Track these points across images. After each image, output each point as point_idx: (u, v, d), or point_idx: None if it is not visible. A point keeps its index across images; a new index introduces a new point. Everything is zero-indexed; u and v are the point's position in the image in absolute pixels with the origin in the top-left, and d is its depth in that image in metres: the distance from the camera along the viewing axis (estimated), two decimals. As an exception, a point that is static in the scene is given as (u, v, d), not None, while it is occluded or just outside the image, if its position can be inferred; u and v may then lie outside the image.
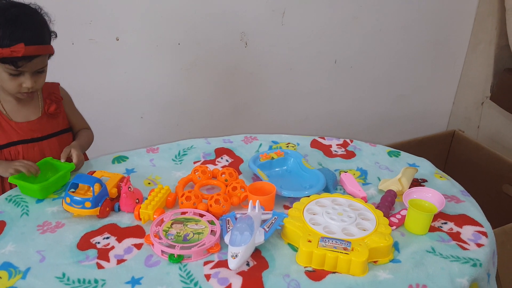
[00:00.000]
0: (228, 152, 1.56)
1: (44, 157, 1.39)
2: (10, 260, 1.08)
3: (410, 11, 2.45)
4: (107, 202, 1.23)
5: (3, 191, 1.40)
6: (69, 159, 1.37)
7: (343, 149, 1.59)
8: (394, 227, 1.19)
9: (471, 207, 1.29)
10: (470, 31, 2.63)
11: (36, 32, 1.27)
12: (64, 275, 1.04)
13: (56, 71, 1.44)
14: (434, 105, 2.85)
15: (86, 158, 1.54)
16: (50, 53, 1.31)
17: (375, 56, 2.51)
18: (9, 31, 1.21)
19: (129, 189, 1.23)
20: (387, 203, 1.25)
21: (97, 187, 1.22)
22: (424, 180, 1.41)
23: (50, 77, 1.40)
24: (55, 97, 1.44)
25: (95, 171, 1.36)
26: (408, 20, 2.47)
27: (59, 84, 1.48)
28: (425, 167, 1.50)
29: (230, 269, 1.04)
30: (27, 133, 1.39)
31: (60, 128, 1.46)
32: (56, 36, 1.34)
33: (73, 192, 1.23)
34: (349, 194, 1.32)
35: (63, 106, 1.48)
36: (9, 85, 1.29)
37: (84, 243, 1.14)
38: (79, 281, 1.02)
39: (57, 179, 1.31)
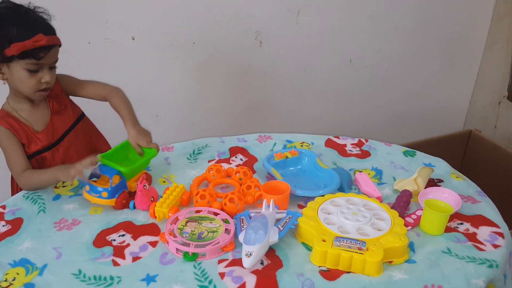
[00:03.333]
0: (243, 151, 1.56)
1: (69, 155, 1.41)
2: (27, 256, 1.10)
3: (425, 10, 2.42)
4: (124, 195, 1.26)
5: (17, 191, 1.42)
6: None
7: (358, 149, 1.58)
8: (410, 227, 1.18)
9: (487, 208, 1.28)
10: (487, 30, 2.60)
11: (47, 23, 1.29)
12: (80, 271, 1.05)
13: (72, 70, 1.46)
14: (450, 105, 2.82)
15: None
16: (60, 44, 1.32)
17: (390, 55, 2.49)
18: (25, 24, 1.23)
19: (145, 187, 1.24)
20: (403, 203, 1.24)
21: (116, 178, 1.24)
22: (440, 180, 1.40)
23: (67, 76, 1.41)
24: (54, 93, 1.41)
25: None
26: (424, 19, 2.45)
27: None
28: (441, 167, 1.48)
29: (244, 268, 1.04)
30: (49, 139, 1.39)
31: (72, 121, 1.45)
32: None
33: (94, 181, 1.25)
34: (364, 194, 1.32)
35: (71, 91, 1.45)
36: (28, 84, 1.28)
37: (100, 240, 1.15)
38: (95, 278, 1.04)
39: (141, 164, 1.33)
